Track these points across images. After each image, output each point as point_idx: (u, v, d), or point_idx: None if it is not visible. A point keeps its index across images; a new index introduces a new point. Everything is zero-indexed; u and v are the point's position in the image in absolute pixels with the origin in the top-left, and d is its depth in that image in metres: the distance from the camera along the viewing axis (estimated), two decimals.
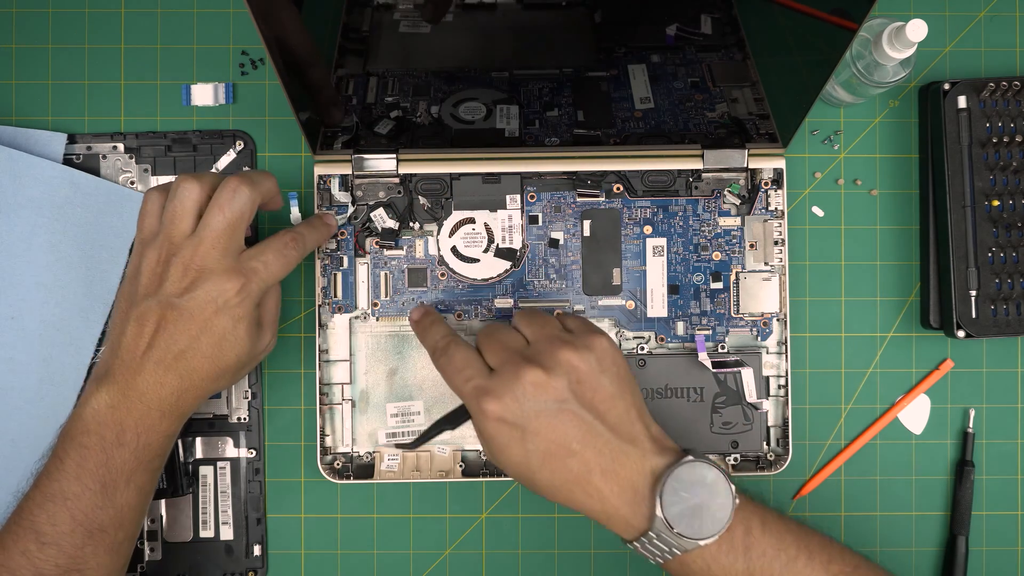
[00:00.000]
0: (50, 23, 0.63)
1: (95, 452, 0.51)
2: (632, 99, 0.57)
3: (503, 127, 0.59)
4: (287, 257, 0.55)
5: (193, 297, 0.52)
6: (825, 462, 0.64)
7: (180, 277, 0.52)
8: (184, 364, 0.52)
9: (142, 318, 0.52)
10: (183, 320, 0.51)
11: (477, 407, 0.51)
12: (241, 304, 0.52)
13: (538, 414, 0.50)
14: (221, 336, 0.52)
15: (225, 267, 0.52)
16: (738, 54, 0.53)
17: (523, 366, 0.51)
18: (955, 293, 0.60)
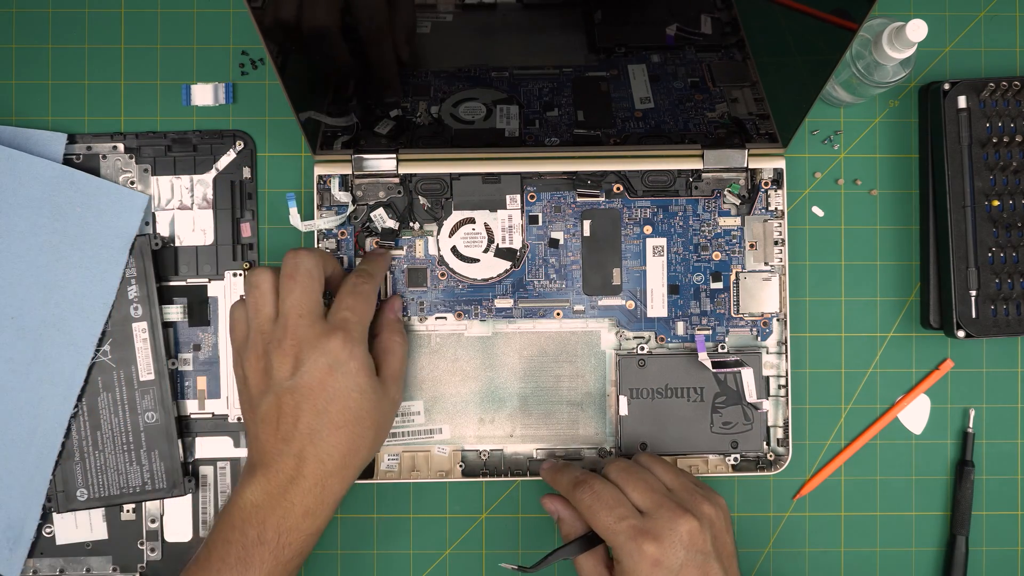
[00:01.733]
0: (50, 23, 0.63)
1: (237, 548, 0.51)
2: (632, 99, 0.57)
3: (503, 127, 0.59)
4: (363, 293, 0.55)
5: (304, 372, 0.52)
6: (825, 462, 0.64)
7: (283, 360, 0.52)
8: (321, 445, 0.52)
9: (267, 415, 0.52)
10: (304, 398, 0.52)
11: (635, 547, 0.51)
12: (352, 356, 0.52)
13: (687, 563, 0.51)
14: (346, 396, 0.52)
15: (319, 331, 0.52)
16: (738, 54, 0.53)
17: (679, 512, 0.52)
18: (955, 293, 0.60)
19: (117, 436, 0.61)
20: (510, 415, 0.61)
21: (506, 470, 0.61)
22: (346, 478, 0.53)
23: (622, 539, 0.51)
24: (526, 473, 0.61)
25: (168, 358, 0.61)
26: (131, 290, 0.61)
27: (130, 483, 0.61)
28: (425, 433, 0.61)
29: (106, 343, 0.61)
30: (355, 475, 0.54)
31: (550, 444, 0.61)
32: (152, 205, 0.62)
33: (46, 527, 0.61)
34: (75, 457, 0.61)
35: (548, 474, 0.58)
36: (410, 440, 0.61)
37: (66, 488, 0.61)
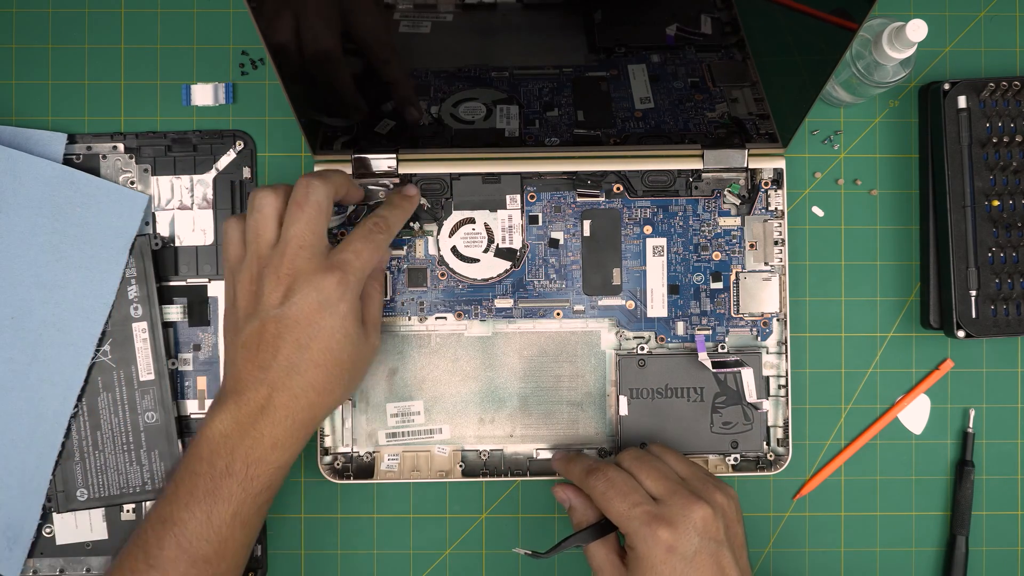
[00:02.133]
0: (50, 23, 0.63)
1: (204, 480, 0.50)
2: (632, 99, 0.57)
3: (503, 127, 0.59)
4: (375, 241, 0.54)
5: (292, 303, 0.51)
6: (825, 462, 0.64)
7: (274, 287, 0.51)
8: (298, 380, 0.51)
9: (248, 341, 0.51)
10: (288, 329, 0.51)
11: (650, 532, 0.51)
12: (343, 299, 0.51)
13: (700, 551, 0.51)
14: (329, 337, 0.51)
15: (317, 266, 0.51)
16: (738, 54, 0.53)
17: (693, 499, 0.52)
18: (955, 293, 0.60)
19: (117, 436, 0.61)
20: (510, 415, 0.61)
21: (506, 470, 0.61)
22: (315, 416, 0.52)
23: (636, 525, 0.51)
24: (526, 473, 0.61)
25: (168, 358, 0.61)
26: (131, 290, 0.61)
27: (130, 483, 0.61)
28: (425, 433, 0.61)
29: (106, 343, 0.61)
30: (324, 416, 0.53)
31: (550, 444, 0.61)
32: (152, 205, 0.62)
33: (46, 527, 0.61)
34: (75, 457, 0.61)
35: (560, 464, 0.58)
36: (410, 440, 0.61)
37: (66, 488, 0.61)
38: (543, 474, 0.61)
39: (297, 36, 0.50)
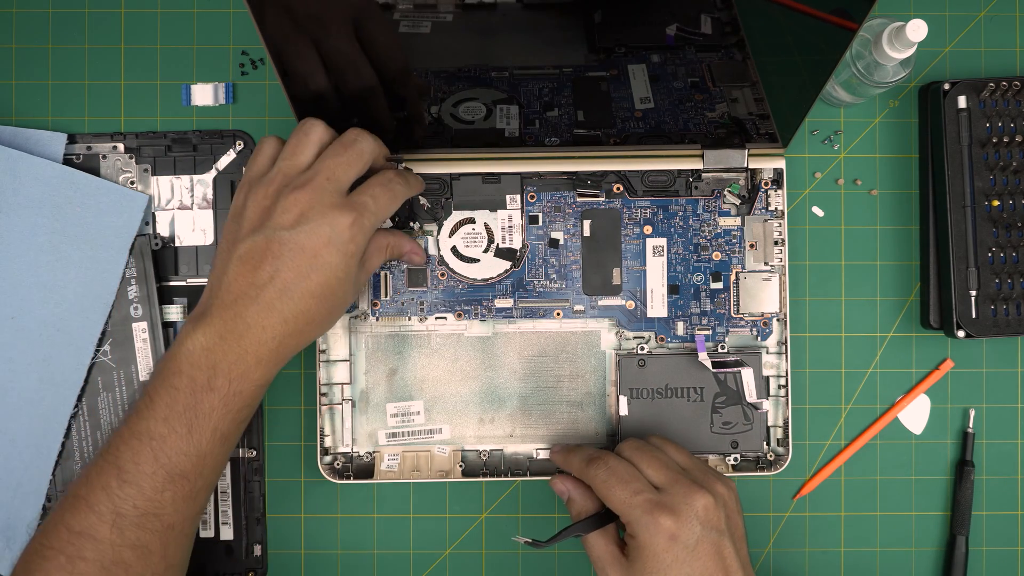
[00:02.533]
0: (50, 23, 0.63)
1: (184, 395, 0.49)
2: (632, 99, 0.57)
3: (503, 127, 0.59)
4: (394, 191, 0.54)
5: (303, 230, 0.50)
6: (825, 462, 0.64)
7: (290, 208, 0.50)
8: (290, 305, 0.50)
9: (248, 254, 0.50)
10: (293, 254, 0.50)
11: (652, 520, 0.51)
12: (353, 240, 0.51)
13: (703, 539, 0.51)
14: (331, 273, 0.50)
15: (337, 201, 0.51)
16: (738, 54, 0.53)
17: (694, 488, 0.52)
18: (955, 293, 0.60)
19: None
20: (510, 415, 0.61)
21: (506, 470, 0.61)
22: (300, 343, 0.52)
23: (638, 513, 0.51)
24: (526, 473, 0.61)
25: None
26: (131, 290, 0.61)
27: None
28: (425, 433, 0.61)
29: (106, 343, 0.61)
30: (307, 343, 0.53)
31: (550, 444, 0.61)
32: (152, 205, 0.62)
33: None
34: (75, 457, 0.61)
35: (559, 456, 0.58)
36: (410, 440, 0.61)
37: (66, 488, 0.61)
38: (543, 474, 0.61)
39: (299, 39, 0.50)
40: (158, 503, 0.49)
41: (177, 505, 0.49)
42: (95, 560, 0.48)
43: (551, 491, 0.63)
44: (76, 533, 0.48)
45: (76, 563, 0.47)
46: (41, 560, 0.48)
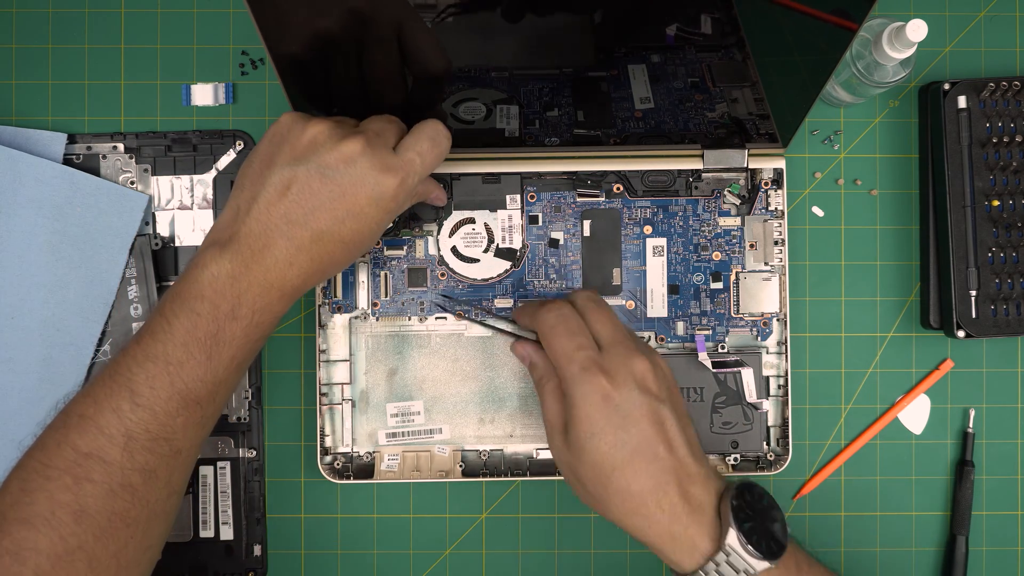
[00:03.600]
0: (50, 23, 0.63)
1: (207, 321, 0.48)
2: (632, 99, 0.57)
3: (503, 127, 0.59)
4: (440, 147, 0.52)
5: (350, 174, 0.49)
6: (825, 462, 0.64)
7: (342, 150, 0.49)
8: (320, 247, 0.49)
9: (285, 184, 0.49)
10: (333, 198, 0.48)
11: (587, 378, 0.50)
12: (395, 198, 0.50)
13: (640, 406, 0.49)
14: (366, 224, 0.49)
15: (387, 158, 0.50)
16: (738, 54, 0.53)
17: (636, 352, 0.51)
18: (955, 293, 0.60)
19: None
20: (510, 415, 0.61)
21: (506, 470, 0.61)
22: (318, 281, 0.51)
23: (575, 369, 0.50)
24: (526, 473, 0.61)
25: None
26: (131, 290, 0.61)
27: None
28: (425, 433, 0.61)
29: (106, 343, 0.61)
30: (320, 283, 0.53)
31: None
32: (152, 205, 0.62)
33: None
34: None
35: (519, 311, 0.58)
36: (410, 440, 0.61)
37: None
38: (543, 474, 0.61)
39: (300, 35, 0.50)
40: (170, 428, 0.47)
41: (188, 431, 0.48)
42: (103, 482, 0.46)
43: (551, 491, 0.63)
44: (84, 454, 0.46)
45: (83, 484, 0.45)
46: (44, 480, 0.46)
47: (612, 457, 0.49)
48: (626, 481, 0.49)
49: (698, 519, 0.49)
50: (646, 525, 0.49)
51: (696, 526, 0.48)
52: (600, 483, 0.49)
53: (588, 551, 0.63)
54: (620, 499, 0.49)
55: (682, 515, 0.49)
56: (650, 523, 0.49)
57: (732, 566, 0.48)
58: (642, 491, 0.49)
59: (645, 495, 0.49)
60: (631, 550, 0.63)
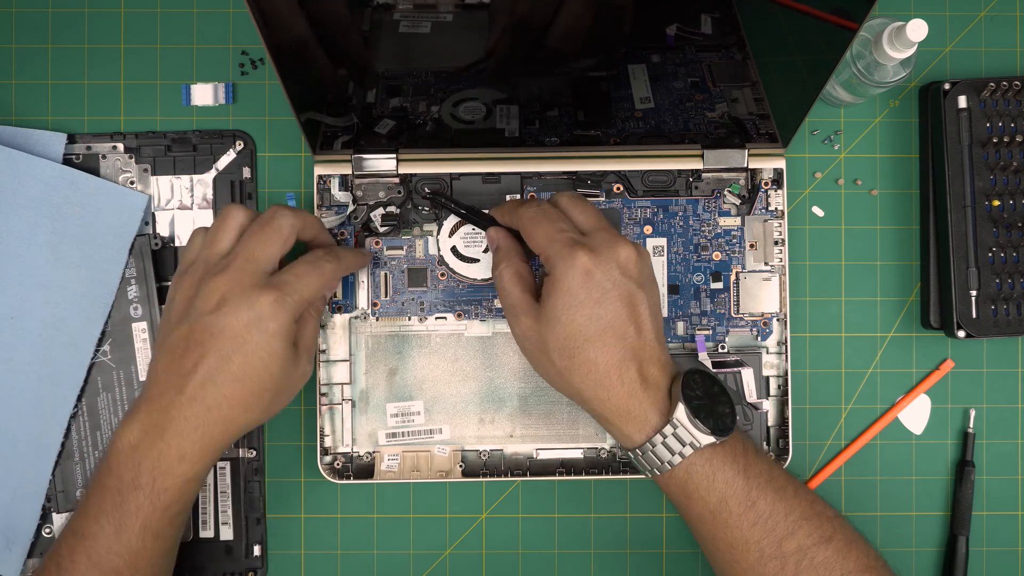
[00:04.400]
0: (50, 23, 0.63)
1: (112, 493, 0.50)
2: (632, 99, 0.57)
3: (503, 127, 0.59)
4: (320, 269, 0.53)
5: (223, 313, 0.50)
6: (825, 462, 0.63)
7: (211, 293, 0.50)
8: (213, 392, 0.49)
9: (173, 344, 0.50)
10: (212, 338, 0.49)
11: (570, 254, 0.51)
12: (275, 317, 0.50)
13: (618, 285, 0.52)
14: (253, 353, 0.50)
15: (256, 282, 0.51)
16: (738, 54, 0.53)
17: (619, 238, 0.53)
18: (955, 293, 0.60)
19: None
20: (510, 415, 0.61)
21: (506, 470, 0.61)
22: (228, 431, 0.51)
23: (558, 247, 0.52)
24: (526, 473, 0.61)
25: None
26: (131, 290, 0.61)
27: None
28: (425, 433, 0.61)
29: (106, 343, 0.61)
30: (239, 432, 0.52)
31: (550, 444, 0.61)
32: (152, 205, 0.62)
33: (45, 527, 0.61)
34: (75, 457, 0.61)
35: (498, 209, 0.58)
36: (410, 440, 0.61)
37: (66, 488, 0.61)
38: (543, 474, 0.61)
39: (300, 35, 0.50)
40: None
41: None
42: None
43: (551, 491, 0.63)
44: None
45: None
46: None
47: (585, 329, 0.51)
48: (595, 353, 0.51)
49: (652, 396, 0.52)
50: (606, 396, 0.52)
51: (650, 402, 0.52)
52: (568, 354, 0.52)
53: (588, 551, 0.63)
54: (585, 370, 0.52)
55: (639, 391, 0.52)
56: (610, 395, 0.52)
57: (678, 438, 0.51)
58: (607, 364, 0.52)
59: (610, 368, 0.52)
60: (631, 550, 0.63)
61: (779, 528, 0.51)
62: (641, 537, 0.63)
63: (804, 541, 0.51)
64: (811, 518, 0.51)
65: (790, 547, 0.51)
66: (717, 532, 0.52)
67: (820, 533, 0.51)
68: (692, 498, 0.52)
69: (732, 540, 0.51)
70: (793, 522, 0.51)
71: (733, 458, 0.52)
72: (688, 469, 0.51)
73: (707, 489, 0.51)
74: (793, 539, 0.51)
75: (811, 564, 0.50)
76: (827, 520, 0.52)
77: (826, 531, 0.51)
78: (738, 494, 0.51)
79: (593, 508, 0.63)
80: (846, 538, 0.52)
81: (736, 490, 0.51)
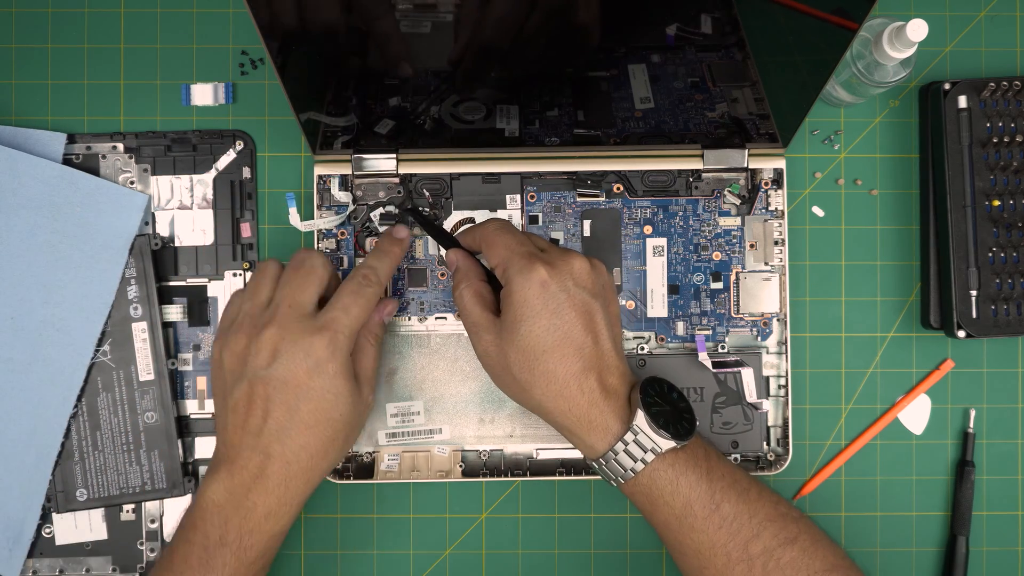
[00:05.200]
0: (50, 23, 0.63)
1: (199, 549, 0.50)
2: (632, 99, 0.57)
3: (503, 127, 0.59)
4: (364, 296, 0.54)
5: (280, 364, 0.51)
6: (825, 462, 0.63)
7: (263, 348, 0.51)
8: (289, 445, 0.51)
9: (237, 403, 0.51)
10: (276, 392, 0.50)
11: (528, 267, 0.52)
12: (333, 358, 0.51)
13: (573, 296, 0.53)
14: (320, 398, 0.51)
15: (305, 327, 0.51)
16: (738, 54, 0.53)
17: (575, 254, 0.55)
18: (955, 293, 0.60)
19: (117, 436, 0.61)
20: (510, 415, 0.61)
21: (506, 470, 0.61)
22: (311, 480, 0.52)
23: (517, 259, 0.53)
24: (526, 473, 0.61)
25: (168, 358, 0.61)
26: (131, 290, 0.61)
27: (130, 483, 0.61)
28: (425, 433, 0.61)
29: (106, 343, 0.61)
30: (321, 477, 0.53)
31: (550, 444, 0.61)
32: (152, 205, 0.62)
33: (46, 527, 0.61)
34: (75, 457, 0.61)
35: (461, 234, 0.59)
36: (410, 440, 0.61)
37: (66, 488, 0.61)
38: (543, 474, 0.61)
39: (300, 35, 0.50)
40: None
41: None
42: None
43: (551, 491, 0.63)
44: None
45: None
46: None
47: (543, 340, 0.52)
48: (553, 364, 0.52)
49: (612, 404, 0.52)
50: (567, 407, 0.52)
51: (610, 411, 0.52)
52: (528, 366, 0.52)
53: (588, 551, 0.63)
54: (545, 381, 0.52)
55: (599, 400, 0.52)
56: (571, 405, 0.52)
57: (640, 444, 0.51)
58: (567, 374, 0.52)
59: (569, 378, 0.52)
60: (631, 550, 0.63)
61: (744, 530, 0.51)
62: (641, 537, 0.63)
63: (770, 543, 0.51)
64: (775, 519, 0.52)
65: (756, 549, 0.51)
66: (683, 538, 0.52)
67: (785, 534, 0.51)
68: (657, 504, 0.52)
69: (699, 545, 0.52)
70: (758, 524, 0.51)
71: (695, 463, 0.52)
72: (652, 475, 0.52)
73: (671, 494, 0.51)
74: (759, 541, 0.51)
75: (777, 565, 0.51)
76: (792, 521, 0.52)
77: (791, 532, 0.52)
78: (702, 498, 0.51)
79: (593, 508, 0.63)
80: (812, 538, 0.52)
81: (700, 494, 0.51)
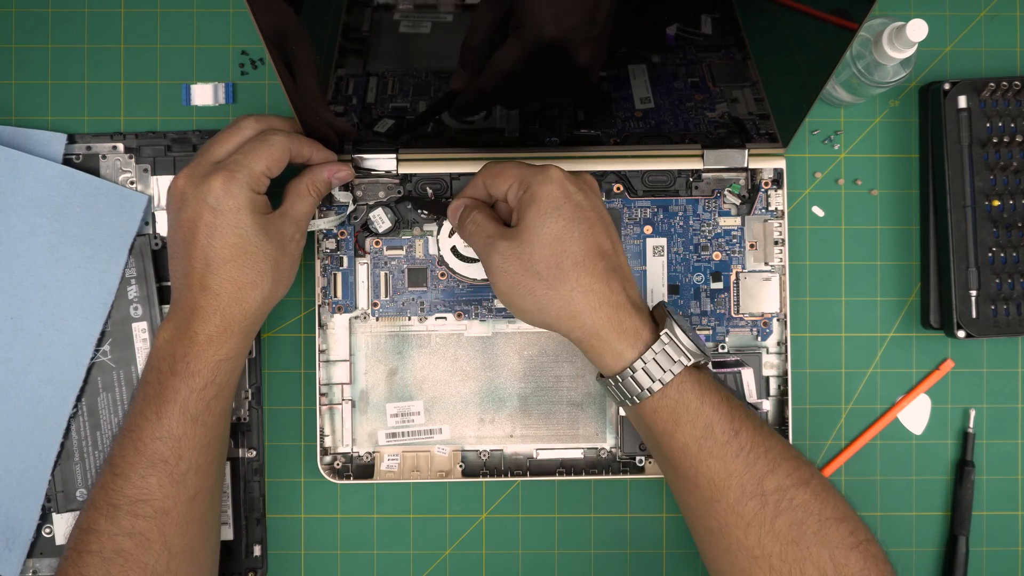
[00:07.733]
0: (50, 23, 0.63)
1: (153, 385, 0.52)
2: (632, 99, 0.57)
3: (503, 127, 0.59)
4: (268, 142, 0.54)
5: (187, 208, 0.53)
6: (825, 462, 0.63)
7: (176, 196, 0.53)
8: (213, 278, 0.52)
9: (172, 252, 0.54)
10: (192, 234, 0.52)
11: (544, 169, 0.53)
12: (229, 194, 0.52)
13: (591, 199, 0.53)
14: (227, 233, 0.52)
15: (206, 171, 0.53)
16: (738, 54, 0.53)
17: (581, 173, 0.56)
18: (955, 293, 0.60)
19: None
20: (510, 415, 0.61)
21: (506, 470, 0.61)
22: (245, 310, 0.53)
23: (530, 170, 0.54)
24: (526, 473, 0.61)
25: None
26: (131, 290, 0.61)
27: None
28: (425, 433, 0.61)
29: (106, 343, 0.61)
30: (258, 308, 0.54)
31: (550, 444, 0.61)
32: (152, 205, 0.62)
33: (45, 527, 0.61)
34: (75, 457, 0.61)
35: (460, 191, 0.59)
36: (410, 440, 0.61)
37: (66, 488, 0.61)
38: (543, 474, 0.61)
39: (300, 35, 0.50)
40: (145, 489, 0.51)
41: (165, 490, 0.51)
42: (97, 551, 0.51)
43: (551, 491, 0.63)
44: (83, 530, 0.52)
45: (83, 556, 0.51)
46: (63, 561, 0.52)
47: (570, 232, 0.52)
48: (583, 256, 0.52)
49: (639, 314, 0.52)
50: (598, 304, 0.51)
51: (639, 319, 0.52)
52: (555, 261, 0.52)
53: (588, 551, 0.63)
54: (576, 274, 0.52)
55: (627, 305, 0.52)
56: (601, 303, 0.51)
57: (668, 354, 0.50)
58: (595, 270, 0.52)
59: (598, 274, 0.52)
60: (631, 550, 0.63)
61: (760, 463, 0.50)
62: (641, 537, 0.63)
63: (783, 480, 0.50)
64: (789, 458, 0.51)
65: (770, 485, 0.50)
66: (700, 464, 0.50)
67: (799, 475, 0.51)
68: (680, 423, 0.51)
69: (715, 473, 0.50)
70: (773, 459, 0.50)
71: (716, 384, 0.52)
72: (679, 388, 0.50)
73: (696, 411, 0.50)
74: (773, 477, 0.50)
75: (790, 505, 0.50)
76: (804, 463, 0.52)
77: (804, 474, 0.51)
78: (723, 421, 0.50)
79: (593, 508, 0.63)
80: (822, 484, 0.52)
81: (722, 416, 0.50)
